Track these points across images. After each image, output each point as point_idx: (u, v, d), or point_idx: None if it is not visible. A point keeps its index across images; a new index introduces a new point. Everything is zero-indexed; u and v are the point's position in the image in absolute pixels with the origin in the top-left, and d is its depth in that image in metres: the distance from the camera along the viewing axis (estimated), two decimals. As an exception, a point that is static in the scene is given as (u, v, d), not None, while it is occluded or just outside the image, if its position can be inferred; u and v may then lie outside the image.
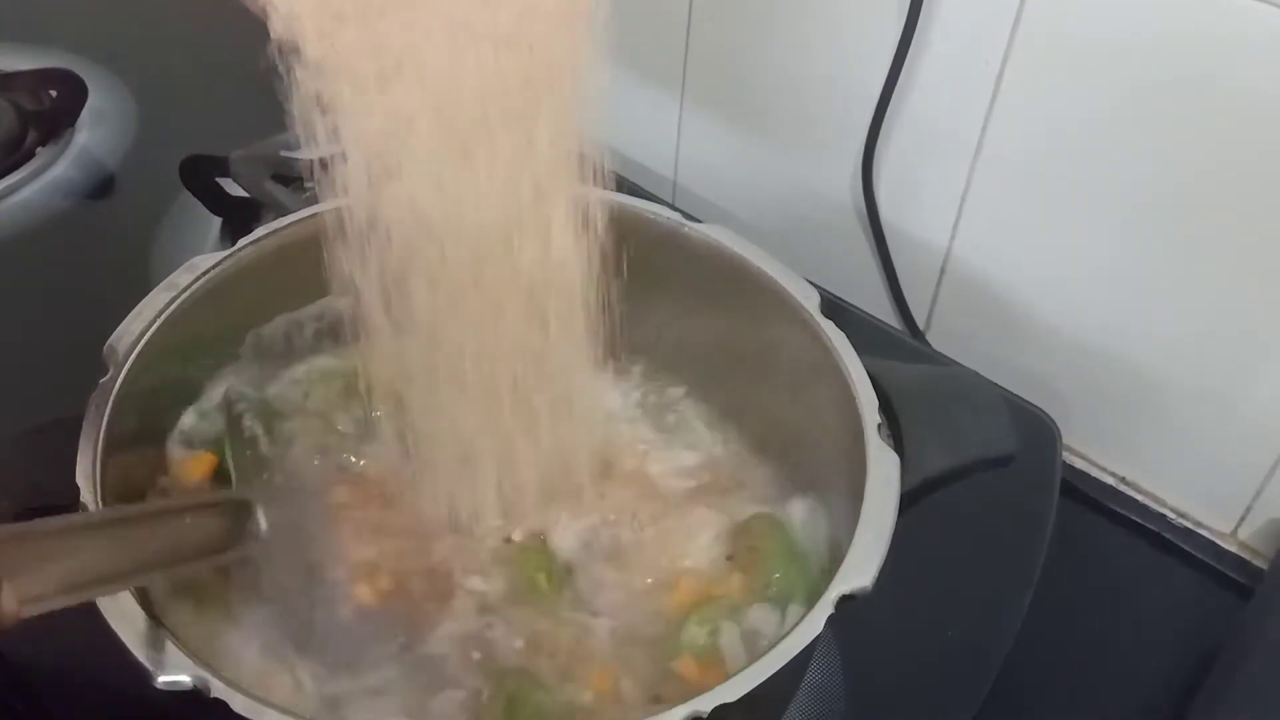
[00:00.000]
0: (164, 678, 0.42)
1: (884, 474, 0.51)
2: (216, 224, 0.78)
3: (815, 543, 0.57)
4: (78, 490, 0.48)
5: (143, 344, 0.54)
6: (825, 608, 0.46)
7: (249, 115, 0.66)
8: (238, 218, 0.75)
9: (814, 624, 0.46)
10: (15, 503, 0.49)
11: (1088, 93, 0.65)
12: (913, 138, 0.74)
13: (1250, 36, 0.58)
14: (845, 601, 0.46)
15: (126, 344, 0.53)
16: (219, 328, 0.58)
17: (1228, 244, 0.64)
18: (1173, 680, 0.62)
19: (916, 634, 0.60)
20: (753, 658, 0.46)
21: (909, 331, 0.80)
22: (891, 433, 0.53)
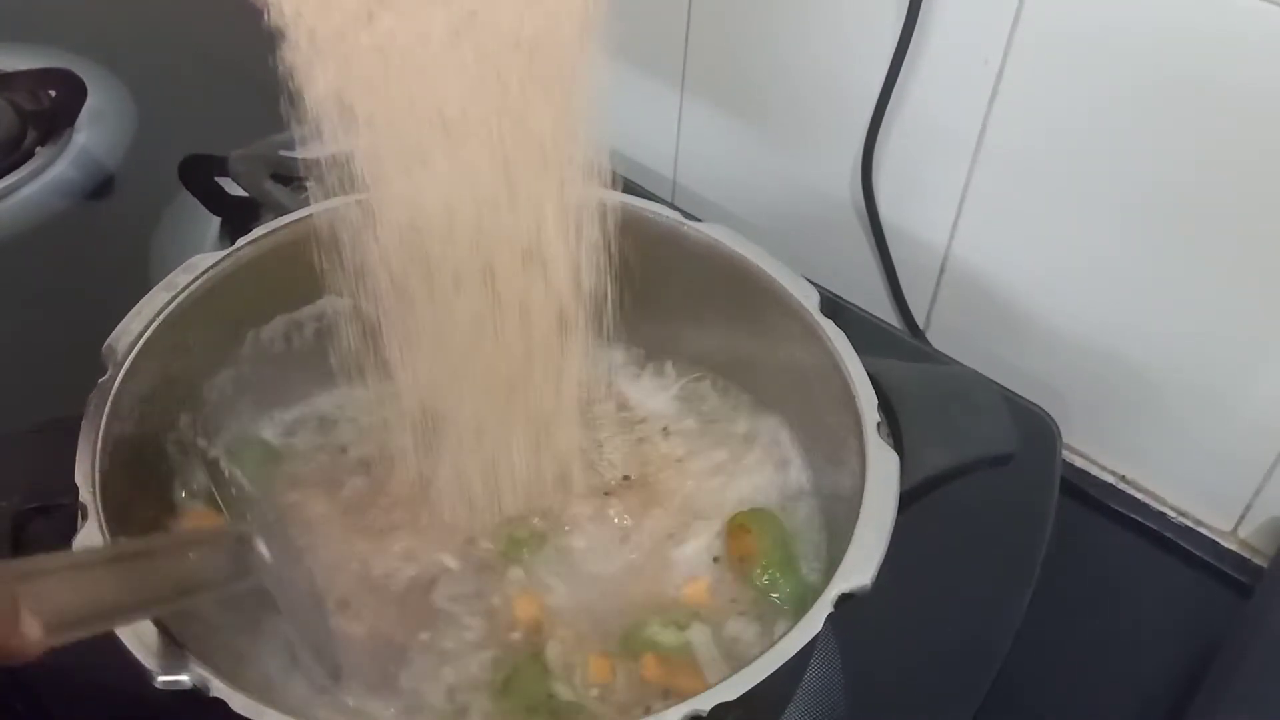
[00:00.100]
0: (163, 677, 0.43)
1: (883, 473, 0.51)
2: (216, 224, 0.78)
3: (811, 543, 0.57)
4: (76, 490, 0.48)
5: (142, 343, 0.54)
6: (825, 606, 0.46)
7: (248, 115, 0.66)
8: (237, 217, 0.75)
9: (813, 622, 0.46)
10: (14, 502, 0.49)
11: (1088, 91, 0.65)
12: (912, 136, 0.74)
13: (1250, 34, 0.58)
14: (845, 600, 0.46)
15: (125, 343, 0.53)
16: (218, 327, 0.58)
17: (1227, 242, 0.64)
18: (1172, 678, 0.62)
19: (916, 632, 0.60)
20: (730, 658, 0.46)
21: (908, 330, 0.80)
22: (891, 431, 0.53)
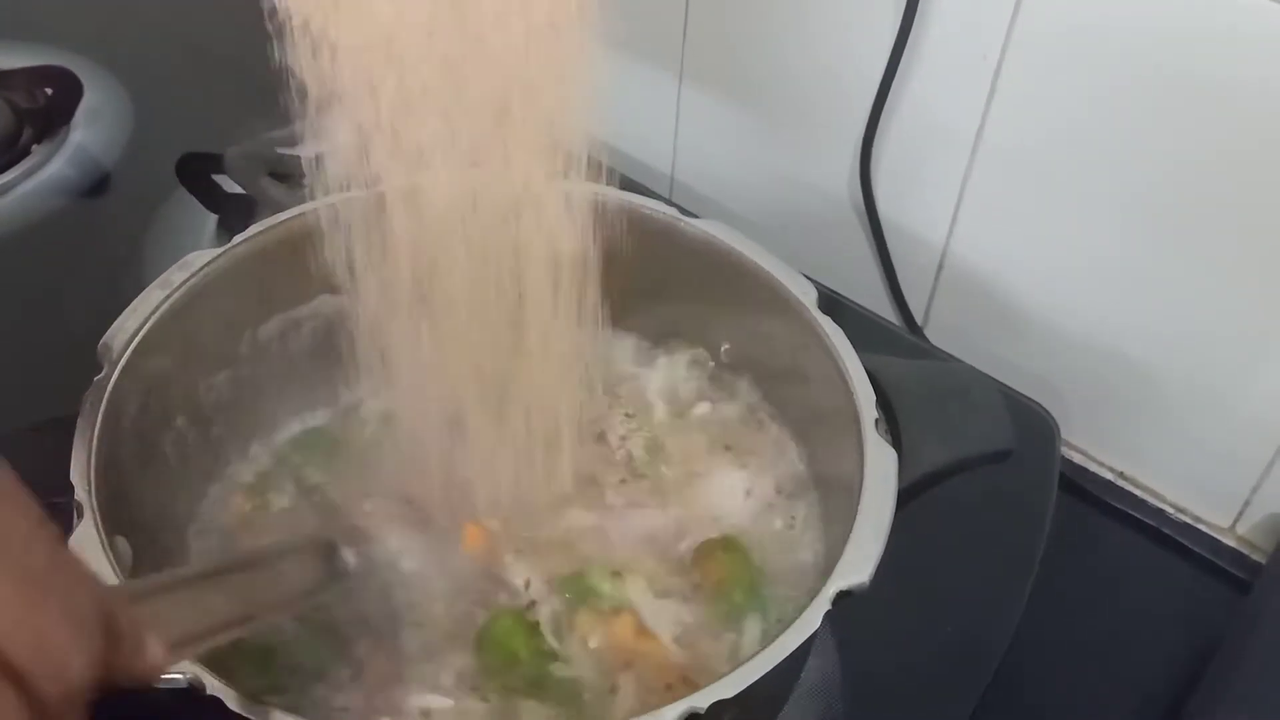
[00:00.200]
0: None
1: (882, 470, 0.51)
2: (212, 221, 0.78)
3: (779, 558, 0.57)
4: (72, 488, 0.47)
5: (137, 341, 0.54)
6: (823, 604, 0.46)
7: (244, 112, 0.66)
8: (233, 215, 0.75)
9: (811, 620, 0.46)
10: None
11: (1087, 86, 0.65)
12: (911, 131, 0.74)
13: (1249, 30, 0.58)
14: (843, 597, 0.46)
15: (121, 341, 0.53)
16: (214, 325, 0.58)
17: (1227, 239, 0.64)
18: (1171, 674, 0.62)
19: (914, 629, 0.60)
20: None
21: (907, 327, 0.80)
22: (889, 428, 0.53)
